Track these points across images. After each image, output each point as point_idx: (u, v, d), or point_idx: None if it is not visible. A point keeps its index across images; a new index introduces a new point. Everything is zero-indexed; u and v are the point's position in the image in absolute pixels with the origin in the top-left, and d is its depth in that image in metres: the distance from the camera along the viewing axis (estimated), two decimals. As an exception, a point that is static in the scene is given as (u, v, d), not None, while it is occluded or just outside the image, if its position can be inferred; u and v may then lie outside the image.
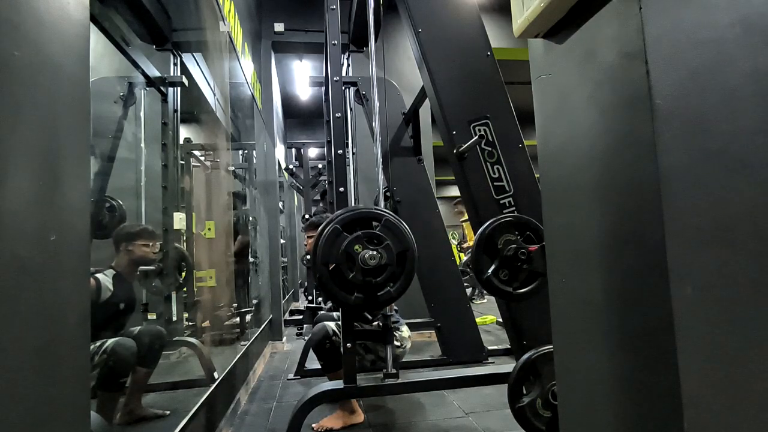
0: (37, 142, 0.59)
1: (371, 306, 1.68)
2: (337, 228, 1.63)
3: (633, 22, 0.56)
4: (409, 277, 1.68)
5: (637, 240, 0.58)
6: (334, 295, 1.64)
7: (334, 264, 1.61)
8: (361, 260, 1.59)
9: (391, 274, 1.64)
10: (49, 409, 0.59)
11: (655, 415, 0.55)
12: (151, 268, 2.50)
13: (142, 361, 2.03)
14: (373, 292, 1.64)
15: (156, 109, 2.72)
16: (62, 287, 0.63)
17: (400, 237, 1.67)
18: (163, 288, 2.65)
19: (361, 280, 1.61)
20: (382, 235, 1.64)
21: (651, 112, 0.54)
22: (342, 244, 1.61)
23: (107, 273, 2.00)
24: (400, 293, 1.68)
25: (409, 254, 1.67)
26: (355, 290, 1.63)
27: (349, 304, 1.64)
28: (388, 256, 1.62)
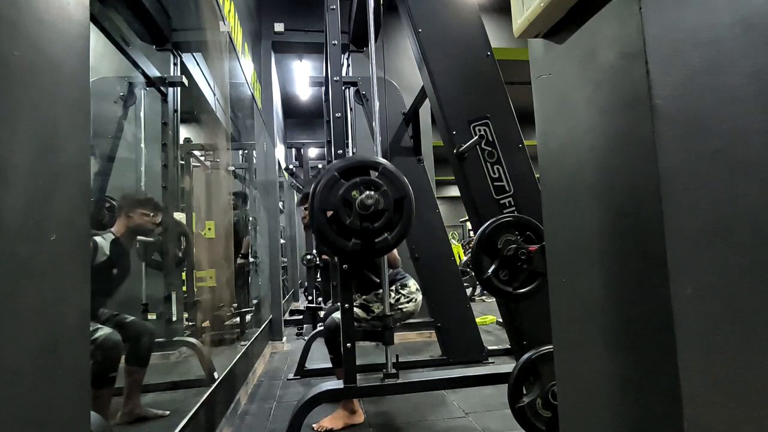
0: (36, 142, 0.59)
1: (369, 253, 1.66)
2: (335, 175, 1.63)
3: (633, 22, 0.56)
4: (407, 225, 1.67)
5: (637, 240, 0.58)
6: (332, 242, 1.63)
7: (332, 211, 1.60)
8: (359, 205, 1.58)
9: (389, 221, 1.64)
10: (49, 409, 0.59)
11: (655, 415, 0.55)
12: (151, 240, 2.51)
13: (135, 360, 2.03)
14: (371, 239, 1.63)
15: (156, 109, 2.72)
16: (62, 287, 0.63)
17: (398, 184, 1.66)
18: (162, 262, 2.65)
19: (358, 225, 1.60)
20: (380, 182, 1.64)
21: (651, 112, 0.54)
22: (339, 191, 1.61)
23: (106, 237, 1.98)
24: (398, 241, 1.67)
25: (407, 201, 1.67)
26: (353, 236, 1.62)
27: (347, 251, 1.63)
28: (385, 202, 1.62)
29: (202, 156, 3.70)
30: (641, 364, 0.57)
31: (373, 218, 1.62)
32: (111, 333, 1.79)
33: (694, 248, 0.53)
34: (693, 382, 0.51)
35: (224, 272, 3.30)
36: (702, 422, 0.51)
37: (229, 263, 3.48)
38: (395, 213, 1.66)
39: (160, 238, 2.59)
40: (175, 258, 2.72)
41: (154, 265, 2.67)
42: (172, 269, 2.71)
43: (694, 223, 0.53)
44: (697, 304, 0.52)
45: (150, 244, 2.55)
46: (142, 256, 2.54)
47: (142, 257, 2.55)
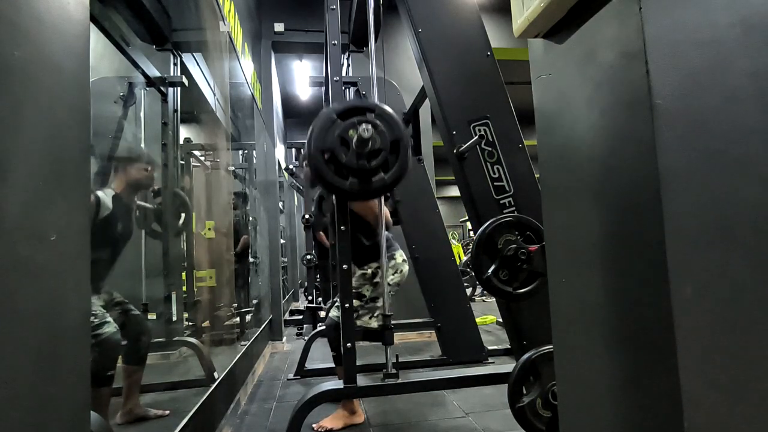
0: (37, 142, 0.59)
1: (365, 193, 1.68)
2: (333, 116, 1.64)
3: (633, 22, 0.56)
4: (403, 166, 1.69)
5: (637, 240, 0.58)
6: (329, 181, 1.64)
7: (329, 151, 1.62)
8: (356, 141, 1.60)
9: (385, 160, 1.65)
10: (49, 409, 0.59)
11: (655, 415, 0.55)
12: (149, 206, 2.51)
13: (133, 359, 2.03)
14: (368, 177, 1.65)
15: (156, 109, 2.72)
16: (62, 287, 0.63)
17: (394, 126, 1.68)
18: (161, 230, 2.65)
19: (355, 163, 1.62)
20: (376, 122, 1.65)
21: (651, 112, 0.54)
22: (337, 130, 1.63)
23: (107, 192, 1.98)
24: (394, 181, 1.68)
25: (402, 143, 1.68)
26: (350, 175, 1.64)
27: (344, 190, 1.64)
28: (382, 140, 1.63)
29: (202, 156, 3.70)
30: (641, 364, 0.57)
31: (369, 157, 1.64)
32: (115, 332, 1.79)
33: (694, 248, 0.53)
34: (693, 382, 0.51)
35: (224, 272, 3.30)
36: (702, 422, 0.51)
37: (229, 263, 3.48)
38: (392, 154, 1.68)
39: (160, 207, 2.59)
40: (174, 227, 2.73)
41: (154, 234, 2.68)
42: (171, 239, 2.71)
43: (694, 223, 0.53)
44: (697, 304, 0.52)
45: (149, 211, 2.55)
46: (141, 224, 2.53)
47: (142, 225, 2.55)
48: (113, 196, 1.99)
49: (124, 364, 2.00)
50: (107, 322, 1.79)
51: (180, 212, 2.82)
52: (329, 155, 1.63)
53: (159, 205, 2.61)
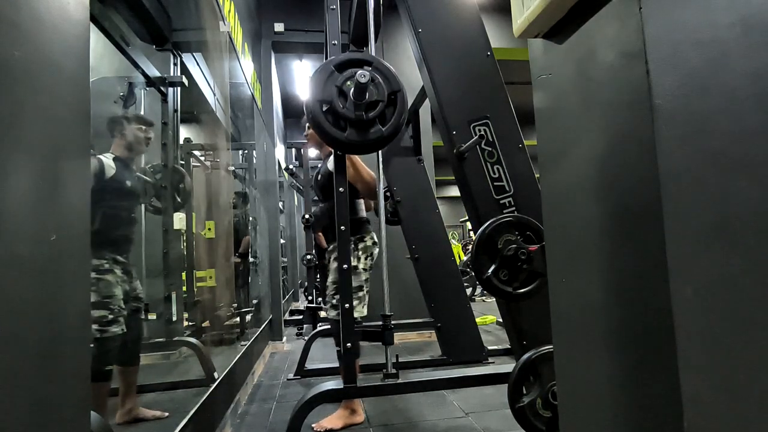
0: (37, 142, 0.59)
1: (363, 144, 1.68)
2: (331, 68, 1.65)
3: (633, 22, 0.56)
4: (400, 118, 1.70)
5: (637, 240, 0.58)
6: (327, 132, 1.65)
7: (327, 103, 1.62)
8: (354, 89, 1.60)
9: (382, 113, 1.66)
10: (49, 409, 0.59)
11: (655, 415, 0.55)
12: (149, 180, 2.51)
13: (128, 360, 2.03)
14: (365, 129, 1.65)
15: (156, 109, 2.72)
16: (62, 287, 0.63)
17: (391, 78, 1.69)
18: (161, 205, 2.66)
19: (353, 114, 1.62)
20: (374, 74, 1.67)
21: (651, 112, 0.54)
22: (335, 81, 1.63)
23: (107, 156, 2.00)
24: (392, 133, 1.69)
25: (400, 95, 1.70)
26: (348, 126, 1.64)
27: (342, 141, 1.65)
28: (379, 92, 1.65)
29: (202, 156, 3.70)
30: (641, 364, 0.57)
31: (367, 108, 1.65)
32: (121, 334, 1.80)
33: (694, 248, 0.53)
34: (693, 382, 0.51)
35: (224, 272, 3.30)
36: (702, 422, 0.51)
37: (229, 263, 3.48)
38: (389, 107, 1.69)
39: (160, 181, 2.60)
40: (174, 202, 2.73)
41: (153, 210, 2.68)
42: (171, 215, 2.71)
43: (694, 223, 0.53)
44: (697, 304, 0.52)
45: (149, 185, 2.56)
46: (141, 198, 2.54)
47: (142, 199, 2.56)
48: (114, 158, 2.00)
49: (119, 366, 2.00)
50: (119, 322, 1.80)
51: (179, 187, 2.83)
52: (327, 106, 1.63)
53: (159, 180, 2.62)
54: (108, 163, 1.96)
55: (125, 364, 2.02)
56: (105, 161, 1.95)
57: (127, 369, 2.04)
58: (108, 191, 1.90)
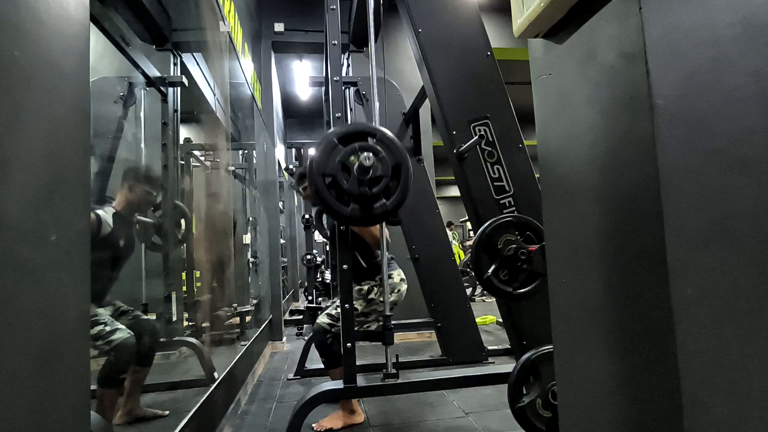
0: (37, 142, 0.59)
1: (367, 218, 1.68)
2: (334, 141, 1.64)
3: (633, 22, 0.56)
4: (404, 190, 1.69)
5: (637, 240, 0.58)
6: (330, 206, 1.64)
7: (330, 176, 1.62)
8: (358, 168, 1.60)
9: (387, 186, 1.65)
10: (49, 409, 0.59)
11: (655, 415, 0.55)
12: (150, 221, 2.51)
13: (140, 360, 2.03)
14: (369, 204, 1.64)
15: (156, 109, 2.72)
16: (62, 287, 0.63)
17: (395, 151, 1.68)
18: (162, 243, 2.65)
19: (357, 190, 1.62)
20: (378, 148, 1.65)
21: (651, 112, 0.54)
22: (338, 156, 1.62)
23: (107, 210, 1.98)
24: (396, 207, 1.68)
25: (404, 168, 1.68)
26: (351, 201, 1.64)
27: (345, 216, 1.65)
28: (383, 167, 1.64)
29: (202, 156, 3.69)
30: (641, 364, 0.57)
31: (371, 183, 1.64)
32: (129, 337, 1.80)
33: (694, 248, 0.53)
34: (693, 382, 0.51)
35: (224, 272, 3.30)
36: (702, 422, 0.51)
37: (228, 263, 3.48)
38: (393, 179, 1.68)
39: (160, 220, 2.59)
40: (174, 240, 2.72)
41: (154, 247, 2.67)
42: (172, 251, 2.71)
43: (694, 223, 0.53)
44: (697, 304, 0.52)
45: (150, 225, 2.55)
46: (141, 238, 2.53)
47: (142, 238, 2.55)
48: (113, 214, 1.99)
49: (131, 365, 2.01)
50: (119, 328, 1.80)
51: (180, 224, 2.82)
52: (330, 180, 1.63)
53: (159, 219, 2.60)
54: (106, 219, 1.94)
55: (137, 364, 2.02)
56: (103, 218, 1.93)
57: (136, 368, 2.04)
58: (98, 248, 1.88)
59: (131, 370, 2.02)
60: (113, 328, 1.78)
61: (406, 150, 3.43)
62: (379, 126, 1.77)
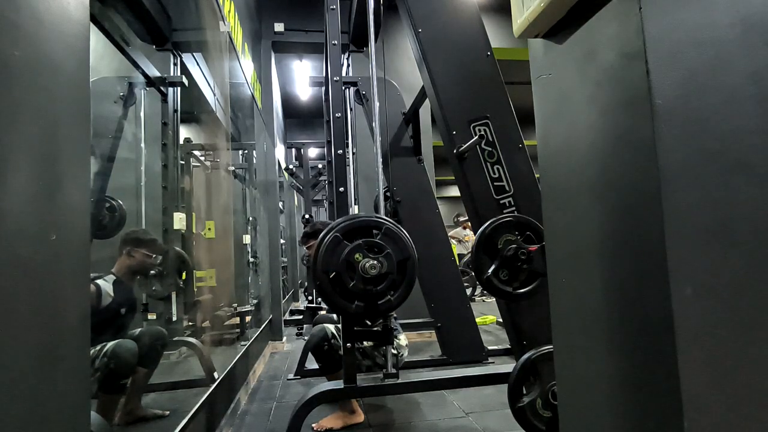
0: (37, 142, 0.59)
1: (371, 315, 1.68)
2: (338, 236, 1.63)
3: (633, 22, 0.56)
4: (410, 285, 1.68)
5: (637, 240, 0.58)
6: (335, 303, 1.64)
7: (334, 272, 1.61)
8: (362, 269, 1.59)
9: (392, 282, 1.64)
10: (49, 409, 0.59)
11: (655, 415, 0.55)
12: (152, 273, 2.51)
13: (143, 362, 2.03)
14: (374, 301, 1.63)
15: (156, 109, 2.72)
16: (62, 287, 0.63)
17: (401, 245, 1.66)
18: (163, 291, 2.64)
19: (361, 288, 1.61)
20: (383, 244, 1.64)
21: (651, 112, 0.54)
22: (342, 253, 1.61)
23: (107, 279, 2.00)
24: (401, 302, 1.67)
25: (410, 263, 1.67)
26: (356, 298, 1.63)
27: (350, 312, 1.64)
28: (388, 265, 1.62)
29: (202, 156, 3.69)
30: (641, 364, 0.57)
31: (376, 281, 1.62)
32: (122, 341, 1.80)
33: (694, 248, 0.53)
34: (693, 382, 0.51)
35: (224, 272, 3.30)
36: (702, 422, 0.51)
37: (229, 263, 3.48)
38: (398, 274, 1.66)
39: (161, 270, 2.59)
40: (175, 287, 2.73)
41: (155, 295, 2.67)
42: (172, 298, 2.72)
43: (694, 223, 0.53)
44: (697, 304, 0.52)
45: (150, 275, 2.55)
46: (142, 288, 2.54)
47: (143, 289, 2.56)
48: (114, 281, 2.00)
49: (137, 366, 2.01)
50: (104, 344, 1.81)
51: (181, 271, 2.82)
52: (335, 275, 1.61)
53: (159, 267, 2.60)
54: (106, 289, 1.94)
55: (141, 364, 2.02)
56: (104, 288, 1.93)
57: (140, 369, 2.04)
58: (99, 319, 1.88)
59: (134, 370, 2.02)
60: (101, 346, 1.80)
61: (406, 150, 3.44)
62: (384, 218, 1.74)
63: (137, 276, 2.18)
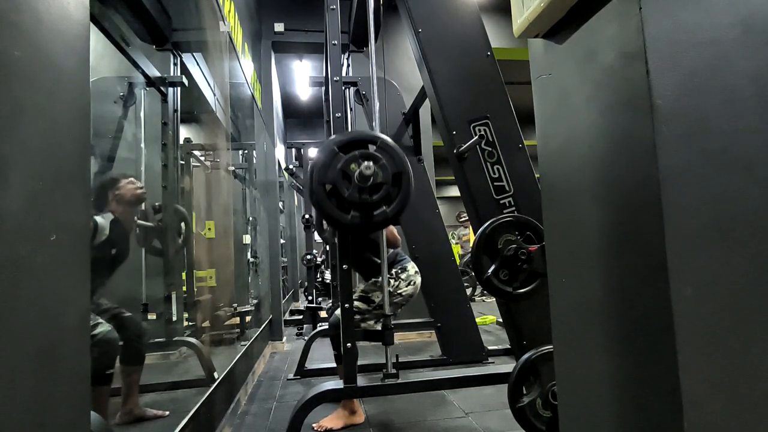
0: (37, 142, 0.59)
1: (367, 227, 1.67)
2: (334, 149, 1.64)
3: (633, 22, 0.56)
4: (405, 199, 1.68)
5: (637, 240, 0.58)
6: (330, 215, 1.64)
7: (331, 184, 1.61)
8: (358, 177, 1.59)
9: (387, 194, 1.65)
10: (49, 409, 0.59)
11: (655, 415, 0.55)
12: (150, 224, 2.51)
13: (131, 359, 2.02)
14: (369, 211, 1.64)
15: (156, 109, 2.72)
16: (62, 287, 0.63)
17: (396, 158, 1.67)
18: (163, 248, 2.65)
19: (357, 198, 1.61)
20: (378, 155, 1.65)
21: (651, 112, 0.54)
22: (338, 164, 1.62)
23: (105, 216, 1.97)
24: (396, 215, 1.68)
25: (405, 176, 1.67)
26: (352, 209, 1.63)
27: (346, 224, 1.64)
28: (383, 174, 1.63)
29: (202, 156, 3.70)
30: (641, 364, 0.57)
31: (371, 191, 1.63)
32: (109, 331, 1.79)
33: (694, 248, 0.53)
34: (693, 382, 0.51)
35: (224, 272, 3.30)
36: (702, 422, 0.51)
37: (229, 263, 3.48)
38: (394, 187, 1.67)
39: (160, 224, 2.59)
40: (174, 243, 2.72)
41: (154, 251, 2.67)
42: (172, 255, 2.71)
43: (694, 223, 0.53)
44: (697, 304, 0.52)
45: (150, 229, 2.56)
46: (141, 243, 2.53)
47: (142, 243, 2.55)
48: (112, 220, 1.99)
49: (122, 365, 2.00)
50: (99, 323, 1.79)
51: (180, 228, 2.82)
52: (331, 188, 1.62)
53: (159, 222, 2.60)
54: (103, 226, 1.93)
55: (129, 363, 2.02)
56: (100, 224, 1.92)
57: (130, 368, 2.04)
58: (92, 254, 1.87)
59: (124, 371, 2.01)
60: (94, 323, 1.78)
61: (406, 150, 3.44)
62: (379, 133, 1.76)
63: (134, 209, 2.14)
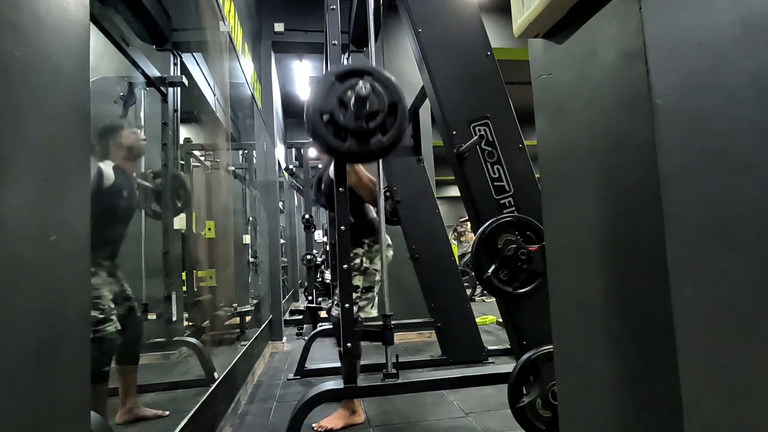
0: (37, 142, 0.59)
1: (364, 154, 1.69)
2: (331, 78, 1.65)
3: (633, 22, 0.56)
4: (401, 128, 1.70)
5: (637, 240, 0.58)
6: (327, 142, 1.65)
7: (328, 113, 1.62)
8: (354, 102, 1.60)
9: (383, 123, 1.66)
10: (49, 409, 0.59)
11: (655, 415, 0.55)
12: (149, 185, 2.51)
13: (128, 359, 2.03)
14: (366, 139, 1.65)
15: (156, 109, 2.72)
16: (62, 287, 0.63)
17: (392, 89, 1.69)
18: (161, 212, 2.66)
19: (353, 124, 1.62)
20: (375, 85, 1.66)
21: (651, 112, 0.54)
22: (335, 93, 1.64)
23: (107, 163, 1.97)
24: (391, 144, 1.69)
25: (400, 106, 1.69)
26: (348, 136, 1.64)
27: (342, 151, 1.65)
28: (379, 102, 1.65)
29: (202, 156, 3.70)
30: (641, 364, 0.57)
31: (367, 118, 1.64)
32: (113, 332, 1.79)
33: (694, 248, 0.53)
34: (693, 382, 0.51)
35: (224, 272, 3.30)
36: (702, 422, 0.51)
37: (229, 263, 3.48)
38: (389, 117, 1.68)
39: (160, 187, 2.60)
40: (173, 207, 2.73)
41: (154, 214, 2.69)
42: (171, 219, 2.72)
43: (694, 223, 0.53)
44: (697, 304, 0.52)
45: (150, 190, 2.57)
46: (141, 204, 2.54)
47: (142, 205, 2.56)
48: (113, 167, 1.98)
49: (119, 365, 2.00)
50: (111, 320, 1.79)
51: (179, 193, 2.83)
52: (328, 117, 1.63)
53: (159, 186, 2.62)
54: (107, 171, 1.94)
55: (125, 363, 2.02)
56: (105, 169, 1.93)
57: (126, 368, 2.04)
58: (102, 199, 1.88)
59: (121, 371, 2.01)
60: (108, 317, 1.78)
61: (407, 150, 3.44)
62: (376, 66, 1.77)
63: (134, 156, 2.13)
